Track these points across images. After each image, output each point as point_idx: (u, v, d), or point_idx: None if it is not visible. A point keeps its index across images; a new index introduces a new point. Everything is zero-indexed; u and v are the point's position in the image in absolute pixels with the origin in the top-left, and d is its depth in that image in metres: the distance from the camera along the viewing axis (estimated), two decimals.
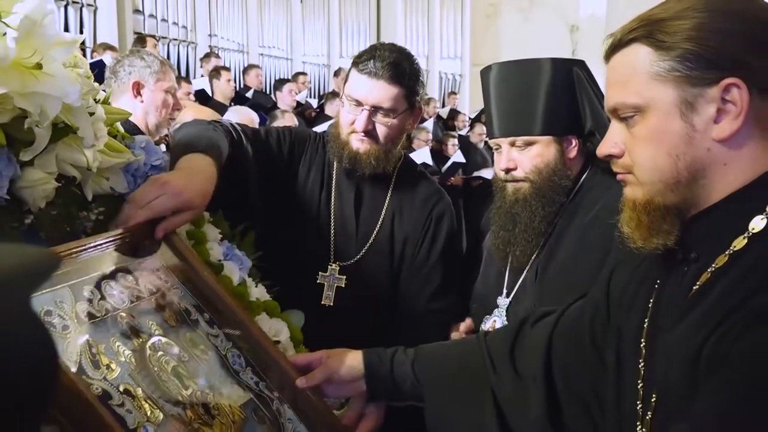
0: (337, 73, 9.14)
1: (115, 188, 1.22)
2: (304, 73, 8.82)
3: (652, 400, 0.87)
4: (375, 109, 1.64)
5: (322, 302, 1.67)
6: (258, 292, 1.36)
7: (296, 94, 6.92)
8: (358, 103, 1.65)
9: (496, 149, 1.64)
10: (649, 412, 0.88)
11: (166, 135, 3.00)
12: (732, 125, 0.80)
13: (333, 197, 1.73)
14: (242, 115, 3.18)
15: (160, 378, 0.91)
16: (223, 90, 5.86)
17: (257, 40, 10.04)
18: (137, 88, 2.66)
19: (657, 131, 0.83)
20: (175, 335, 1.02)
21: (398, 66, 1.64)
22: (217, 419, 0.96)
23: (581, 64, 1.63)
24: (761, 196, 0.81)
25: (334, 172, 1.75)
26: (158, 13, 8.43)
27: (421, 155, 6.25)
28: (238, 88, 6.96)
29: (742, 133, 0.80)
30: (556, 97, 1.57)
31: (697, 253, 0.86)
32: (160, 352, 0.95)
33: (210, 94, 6.21)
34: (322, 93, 9.40)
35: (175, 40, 8.68)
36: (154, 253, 1.14)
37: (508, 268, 1.65)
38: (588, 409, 1.10)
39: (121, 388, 0.82)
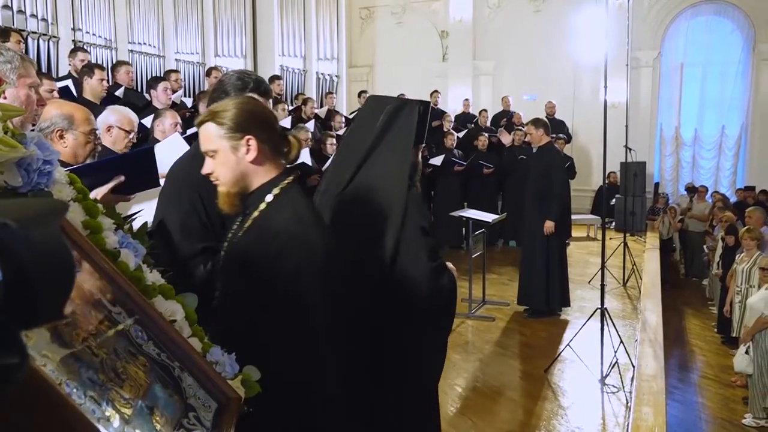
0: (209, 73, 8.94)
1: (8, 182, 1.28)
2: (176, 71, 8.46)
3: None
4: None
5: None
6: (153, 277, 1.47)
7: (172, 92, 6.73)
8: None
9: None
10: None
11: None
12: (253, 154, 1.78)
13: None
14: (121, 115, 3.13)
15: (73, 346, 1.02)
16: (93, 88, 5.59)
17: (126, 36, 9.63)
18: None
19: (224, 161, 1.79)
20: (83, 313, 1.12)
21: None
22: (127, 382, 1.07)
23: (426, 104, 2.42)
24: (270, 187, 1.82)
25: None
26: (14, 3, 7.85)
27: (302, 156, 6.34)
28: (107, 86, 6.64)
29: (258, 157, 1.79)
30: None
31: (249, 211, 1.84)
32: (71, 327, 1.06)
33: (75, 93, 5.90)
34: (197, 92, 9.17)
35: (35, 33, 8.12)
36: None
37: None
38: None
39: (41, 354, 0.93)
